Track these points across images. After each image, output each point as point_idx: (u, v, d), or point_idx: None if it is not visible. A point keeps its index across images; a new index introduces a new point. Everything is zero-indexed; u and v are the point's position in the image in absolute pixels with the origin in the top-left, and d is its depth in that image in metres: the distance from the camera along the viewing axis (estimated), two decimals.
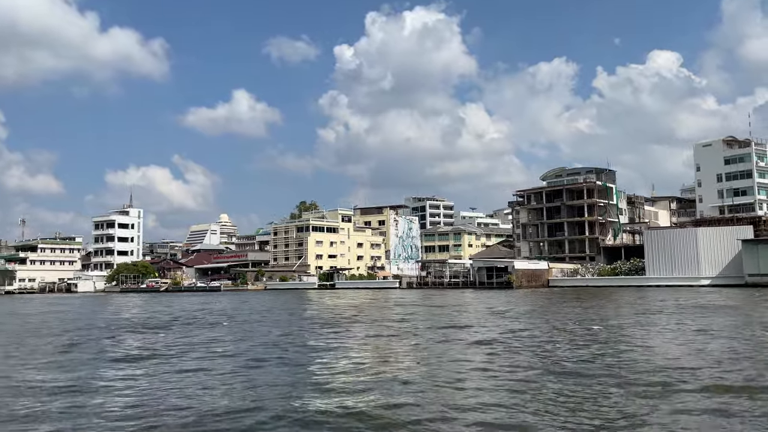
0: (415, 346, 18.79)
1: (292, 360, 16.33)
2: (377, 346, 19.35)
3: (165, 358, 17.37)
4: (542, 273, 75.23)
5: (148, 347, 20.23)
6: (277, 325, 27.86)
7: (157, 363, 16.35)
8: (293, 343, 20.44)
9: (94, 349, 19.74)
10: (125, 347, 20.55)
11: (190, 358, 17.18)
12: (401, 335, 22.03)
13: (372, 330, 24.23)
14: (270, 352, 18.12)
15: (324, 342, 20.43)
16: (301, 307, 43.72)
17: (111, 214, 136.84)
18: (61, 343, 21.61)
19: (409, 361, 15.90)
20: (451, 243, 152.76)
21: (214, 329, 26.58)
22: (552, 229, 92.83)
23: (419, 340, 20.19)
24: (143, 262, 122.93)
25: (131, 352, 19.05)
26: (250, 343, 20.70)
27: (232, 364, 15.81)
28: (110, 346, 20.89)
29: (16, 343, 22.03)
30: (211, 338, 22.64)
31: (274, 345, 19.91)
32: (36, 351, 19.51)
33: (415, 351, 17.79)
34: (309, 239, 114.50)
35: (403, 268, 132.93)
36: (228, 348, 19.48)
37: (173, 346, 20.22)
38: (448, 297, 52.08)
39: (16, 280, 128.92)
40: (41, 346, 20.92)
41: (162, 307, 48.28)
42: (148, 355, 18.13)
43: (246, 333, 24.43)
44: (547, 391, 11.29)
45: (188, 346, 20.01)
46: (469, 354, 16.72)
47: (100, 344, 21.32)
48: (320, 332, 23.92)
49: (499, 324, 25.51)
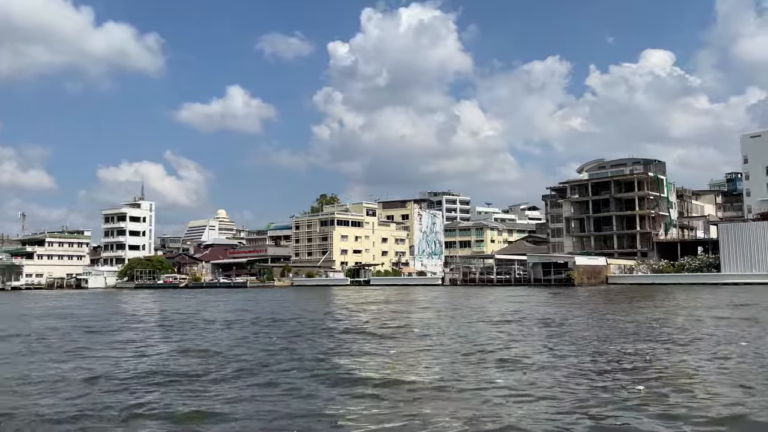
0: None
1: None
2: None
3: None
4: (601, 269, 70.48)
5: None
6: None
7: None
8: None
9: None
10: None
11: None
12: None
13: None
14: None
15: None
16: (369, 309, 38.65)
17: (122, 207, 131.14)
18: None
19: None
20: (472, 239, 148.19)
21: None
22: (598, 223, 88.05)
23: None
24: (158, 257, 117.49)
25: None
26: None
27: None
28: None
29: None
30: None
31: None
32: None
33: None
34: (334, 233, 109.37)
35: (427, 265, 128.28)
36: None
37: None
38: (517, 298, 46.95)
39: (23, 276, 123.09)
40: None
41: (217, 307, 43.09)
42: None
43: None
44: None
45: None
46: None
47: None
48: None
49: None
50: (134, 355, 17.16)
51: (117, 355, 17.14)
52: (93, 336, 22.71)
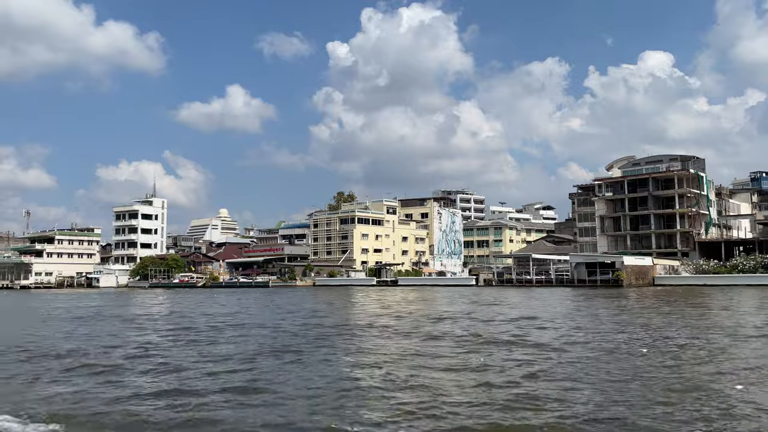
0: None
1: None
2: None
3: None
4: (648, 270, 67.15)
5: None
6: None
7: None
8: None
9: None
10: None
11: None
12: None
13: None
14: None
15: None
16: (435, 312, 35.31)
17: (134, 204, 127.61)
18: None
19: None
20: (491, 238, 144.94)
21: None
22: (634, 221, 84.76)
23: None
24: (173, 256, 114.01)
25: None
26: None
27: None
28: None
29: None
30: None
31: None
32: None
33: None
34: (355, 232, 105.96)
35: (447, 264, 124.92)
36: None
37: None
38: (570, 302, 43.60)
39: (32, 274, 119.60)
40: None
41: (255, 308, 39.75)
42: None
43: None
44: None
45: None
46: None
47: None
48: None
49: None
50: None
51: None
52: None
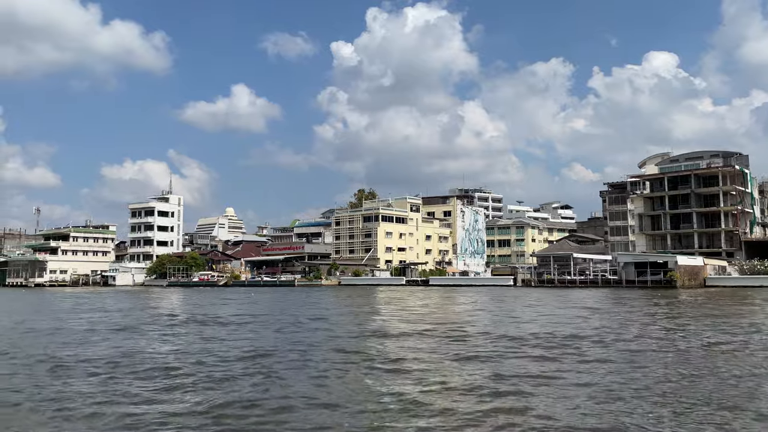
0: None
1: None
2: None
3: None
4: (699, 270, 64.02)
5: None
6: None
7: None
8: None
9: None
10: None
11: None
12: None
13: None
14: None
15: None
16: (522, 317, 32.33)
17: (150, 201, 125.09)
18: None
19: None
20: (513, 237, 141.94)
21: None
22: (674, 220, 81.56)
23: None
24: (192, 254, 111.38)
25: None
26: None
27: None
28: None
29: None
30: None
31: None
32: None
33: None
34: (379, 230, 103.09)
35: (470, 264, 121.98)
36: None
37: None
38: (634, 307, 40.54)
39: (47, 272, 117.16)
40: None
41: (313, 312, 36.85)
42: None
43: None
44: None
45: None
46: None
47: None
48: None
49: None
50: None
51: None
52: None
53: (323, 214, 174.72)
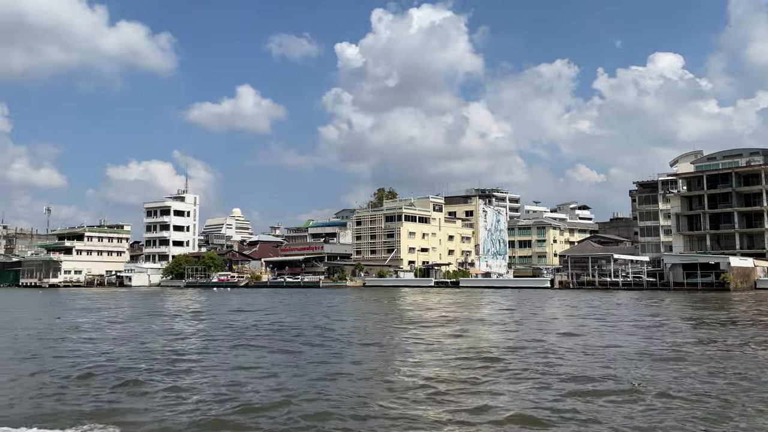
0: None
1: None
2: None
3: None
4: (750, 272, 61.22)
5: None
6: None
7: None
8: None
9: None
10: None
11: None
12: None
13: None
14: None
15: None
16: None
17: (165, 200, 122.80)
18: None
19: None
20: (534, 238, 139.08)
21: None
22: (713, 219, 78.62)
23: None
24: (210, 254, 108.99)
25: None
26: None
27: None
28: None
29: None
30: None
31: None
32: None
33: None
34: (402, 230, 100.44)
35: (492, 265, 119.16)
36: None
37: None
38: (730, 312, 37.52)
39: (62, 272, 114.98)
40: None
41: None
42: None
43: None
44: None
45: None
46: None
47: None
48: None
49: None
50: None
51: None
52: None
53: (336, 215, 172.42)
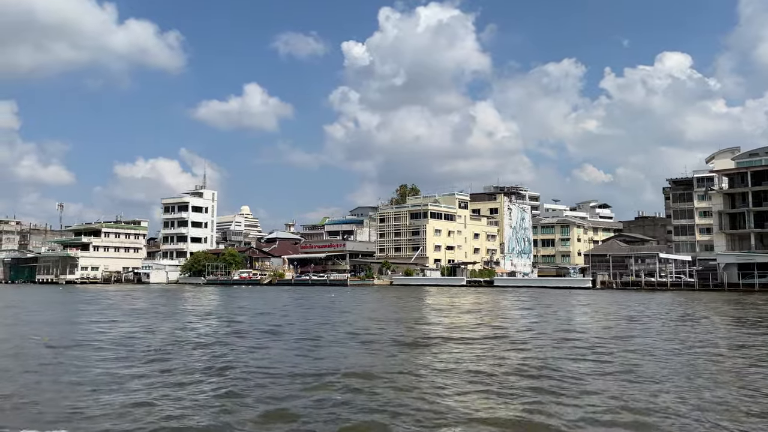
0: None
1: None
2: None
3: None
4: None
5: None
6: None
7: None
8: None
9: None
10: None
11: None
12: None
13: None
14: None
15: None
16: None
17: (183, 196, 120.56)
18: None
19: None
20: (557, 237, 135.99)
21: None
22: (758, 218, 75.40)
23: None
24: (231, 251, 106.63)
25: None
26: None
27: None
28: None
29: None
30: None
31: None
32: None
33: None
34: (428, 227, 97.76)
35: (517, 264, 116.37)
36: None
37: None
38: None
39: (78, 268, 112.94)
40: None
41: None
42: None
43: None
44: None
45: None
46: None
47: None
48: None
49: None
50: None
51: None
52: None
53: (351, 212, 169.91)
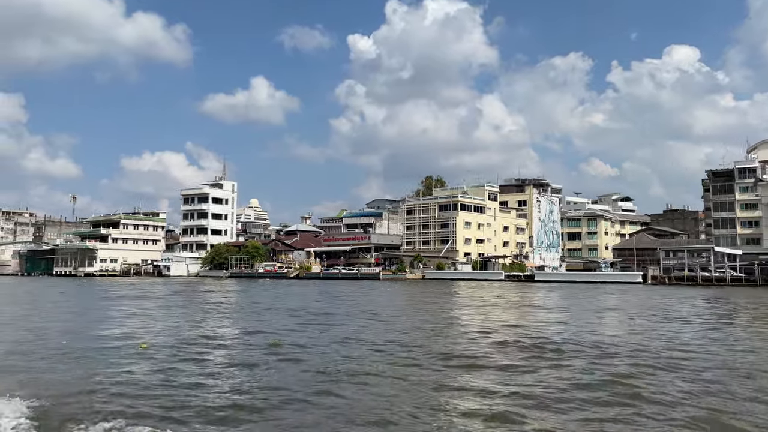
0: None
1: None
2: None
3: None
4: None
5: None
6: None
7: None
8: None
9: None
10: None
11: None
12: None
13: None
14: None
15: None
16: None
17: (203, 187, 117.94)
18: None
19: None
20: (584, 230, 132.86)
21: None
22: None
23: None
24: (254, 243, 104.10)
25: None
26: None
27: None
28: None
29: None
30: None
31: None
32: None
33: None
34: (458, 220, 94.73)
35: (545, 258, 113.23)
36: None
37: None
38: None
39: (97, 261, 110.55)
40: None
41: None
42: None
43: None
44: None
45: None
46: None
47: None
48: None
49: None
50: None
51: None
52: None
53: (368, 205, 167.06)
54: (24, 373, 13.19)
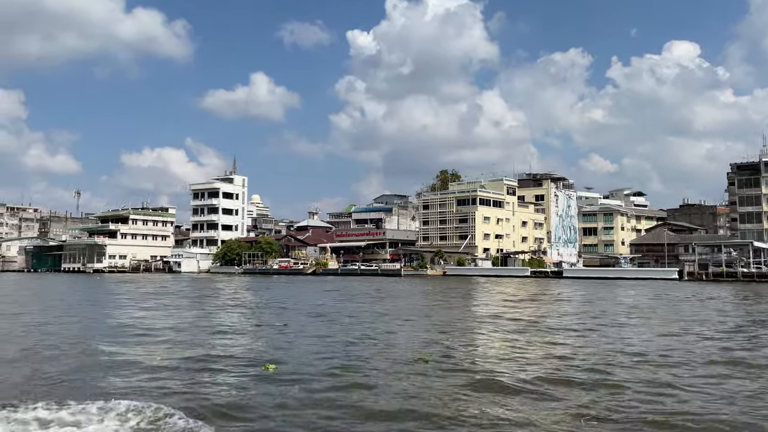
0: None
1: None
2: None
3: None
4: None
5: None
6: None
7: None
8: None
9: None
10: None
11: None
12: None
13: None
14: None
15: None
16: None
17: (214, 182, 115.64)
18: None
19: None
20: (599, 225, 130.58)
21: None
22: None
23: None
24: (267, 239, 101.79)
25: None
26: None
27: None
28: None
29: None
30: None
31: None
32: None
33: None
34: (477, 214, 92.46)
35: (563, 254, 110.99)
36: None
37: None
38: None
39: (106, 257, 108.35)
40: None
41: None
42: None
43: None
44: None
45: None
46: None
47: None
48: None
49: None
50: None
51: None
52: None
53: (376, 200, 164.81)
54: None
